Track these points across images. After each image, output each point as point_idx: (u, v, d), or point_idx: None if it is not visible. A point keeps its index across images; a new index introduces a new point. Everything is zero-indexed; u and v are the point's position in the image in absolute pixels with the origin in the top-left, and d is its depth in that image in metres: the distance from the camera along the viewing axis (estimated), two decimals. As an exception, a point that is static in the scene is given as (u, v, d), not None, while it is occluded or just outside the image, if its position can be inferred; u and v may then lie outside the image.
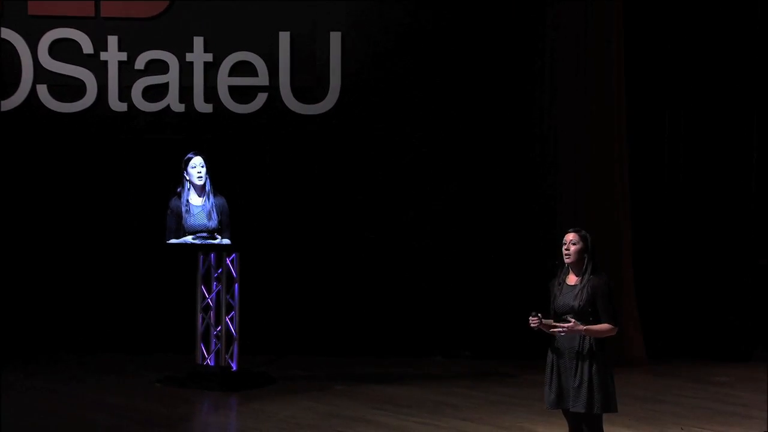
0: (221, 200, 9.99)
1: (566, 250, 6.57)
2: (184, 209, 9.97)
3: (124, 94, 11.62)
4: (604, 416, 6.70)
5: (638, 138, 11.75)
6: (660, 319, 11.77)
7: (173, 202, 10.01)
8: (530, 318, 6.48)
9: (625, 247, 11.44)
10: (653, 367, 11.17)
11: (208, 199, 9.98)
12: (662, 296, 11.84)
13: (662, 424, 8.85)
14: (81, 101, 11.62)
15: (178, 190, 10.00)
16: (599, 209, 11.25)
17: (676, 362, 11.41)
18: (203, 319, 10.32)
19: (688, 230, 11.95)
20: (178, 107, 11.64)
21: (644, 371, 10.94)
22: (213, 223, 9.98)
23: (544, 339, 6.96)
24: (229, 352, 10.26)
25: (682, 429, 8.70)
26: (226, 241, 9.99)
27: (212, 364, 10.28)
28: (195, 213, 9.98)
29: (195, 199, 10.01)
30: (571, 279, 6.60)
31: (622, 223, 11.46)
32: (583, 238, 6.59)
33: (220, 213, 9.96)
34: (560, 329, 6.43)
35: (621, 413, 7.40)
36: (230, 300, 10.29)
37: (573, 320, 6.44)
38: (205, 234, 9.99)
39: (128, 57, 11.62)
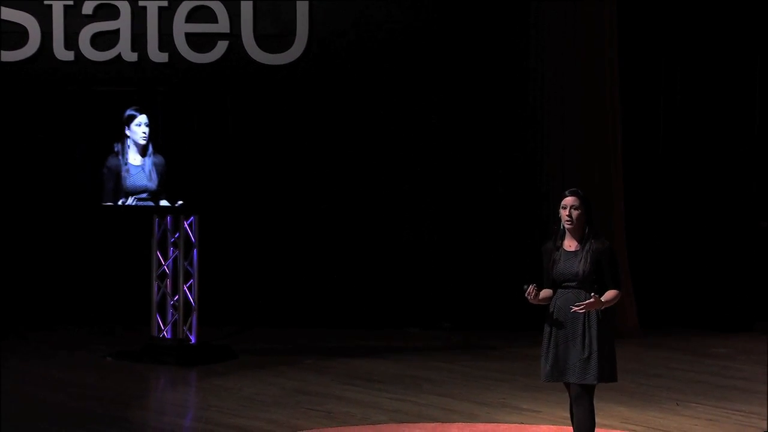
0: (160, 159, 9.95)
1: (568, 216, 6.55)
2: (123, 169, 9.92)
3: (71, 42, 11.53)
4: (596, 390, 6.72)
5: (632, 91, 11.74)
6: (654, 288, 11.82)
7: (111, 161, 9.97)
8: (526, 290, 6.44)
9: (617, 210, 11.46)
10: (647, 338, 11.22)
11: (148, 159, 9.93)
12: (656, 263, 11.89)
13: (657, 400, 8.90)
14: (23, 49, 11.51)
15: (116, 148, 9.94)
16: (589, 171, 11.25)
17: (671, 333, 11.47)
18: (159, 287, 10.29)
19: (685, 191, 11.98)
20: (130, 56, 11.56)
21: (637, 343, 10.99)
22: (153, 184, 9.94)
23: (529, 309, 6.96)
24: (188, 323, 10.24)
25: (677, 404, 8.75)
26: (163, 202, 9.91)
27: (169, 336, 10.25)
28: (134, 173, 9.94)
29: (134, 159, 9.96)
30: (570, 245, 6.60)
31: (614, 184, 11.46)
32: (583, 202, 6.58)
33: (160, 173, 9.91)
34: (582, 308, 6.41)
35: (613, 388, 7.44)
36: (188, 267, 10.26)
37: (594, 296, 6.42)
38: (145, 195, 9.95)
39: (75, 1, 11.51)
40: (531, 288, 6.46)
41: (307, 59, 11.61)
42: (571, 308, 6.47)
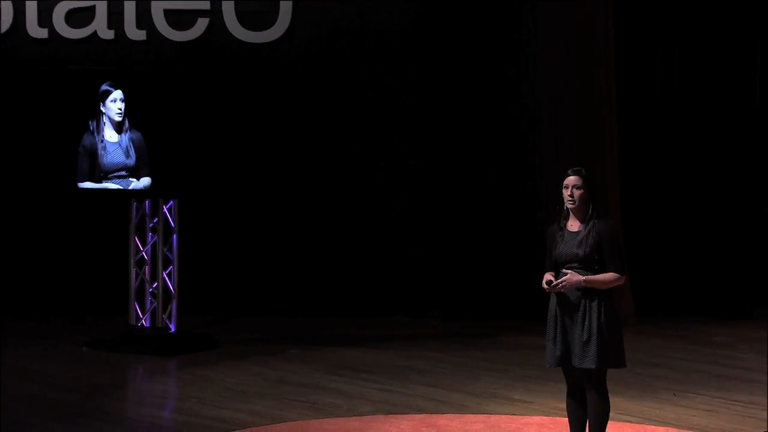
0: (138, 135, 9.91)
1: (570, 195, 6.57)
2: (99, 147, 9.88)
3: (45, 19, 11.49)
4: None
5: (628, 78, 11.74)
6: (651, 275, 11.83)
7: (86, 139, 9.93)
8: (547, 285, 6.46)
9: (613, 194, 11.47)
10: (644, 326, 11.23)
11: (125, 135, 9.89)
12: (654, 249, 11.91)
13: (653, 390, 8.90)
14: (-6, 27, 11.49)
15: (91, 126, 9.90)
16: (584, 154, 11.24)
17: (668, 321, 11.49)
18: (137, 274, 10.26)
19: (683, 176, 12.00)
20: (107, 34, 11.52)
21: (634, 331, 10.96)
22: (131, 161, 9.90)
23: (522, 297, 6.94)
24: (167, 311, 10.21)
25: (675, 394, 8.76)
26: (144, 182, 9.84)
27: (148, 325, 10.23)
28: (111, 150, 9.90)
29: (111, 136, 9.92)
30: (574, 225, 6.60)
31: (610, 169, 11.48)
32: (586, 181, 6.60)
33: (137, 149, 9.88)
34: (560, 286, 6.40)
35: (609, 378, 7.41)
36: (168, 253, 10.22)
37: (569, 272, 6.41)
38: (124, 173, 9.91)
39: (49, -24, 11.49)
40: (551, 286, 6.45)
41: (291, 37, 11.55)
42: (545, 287, 6.47)
